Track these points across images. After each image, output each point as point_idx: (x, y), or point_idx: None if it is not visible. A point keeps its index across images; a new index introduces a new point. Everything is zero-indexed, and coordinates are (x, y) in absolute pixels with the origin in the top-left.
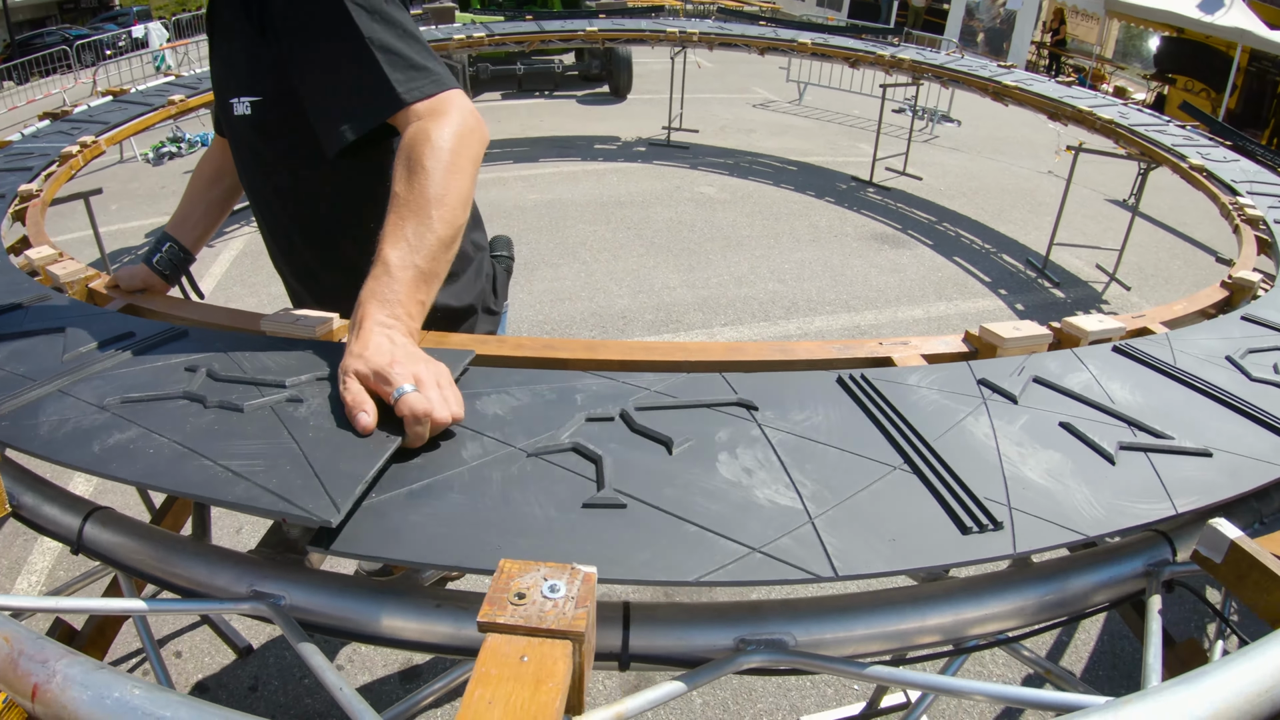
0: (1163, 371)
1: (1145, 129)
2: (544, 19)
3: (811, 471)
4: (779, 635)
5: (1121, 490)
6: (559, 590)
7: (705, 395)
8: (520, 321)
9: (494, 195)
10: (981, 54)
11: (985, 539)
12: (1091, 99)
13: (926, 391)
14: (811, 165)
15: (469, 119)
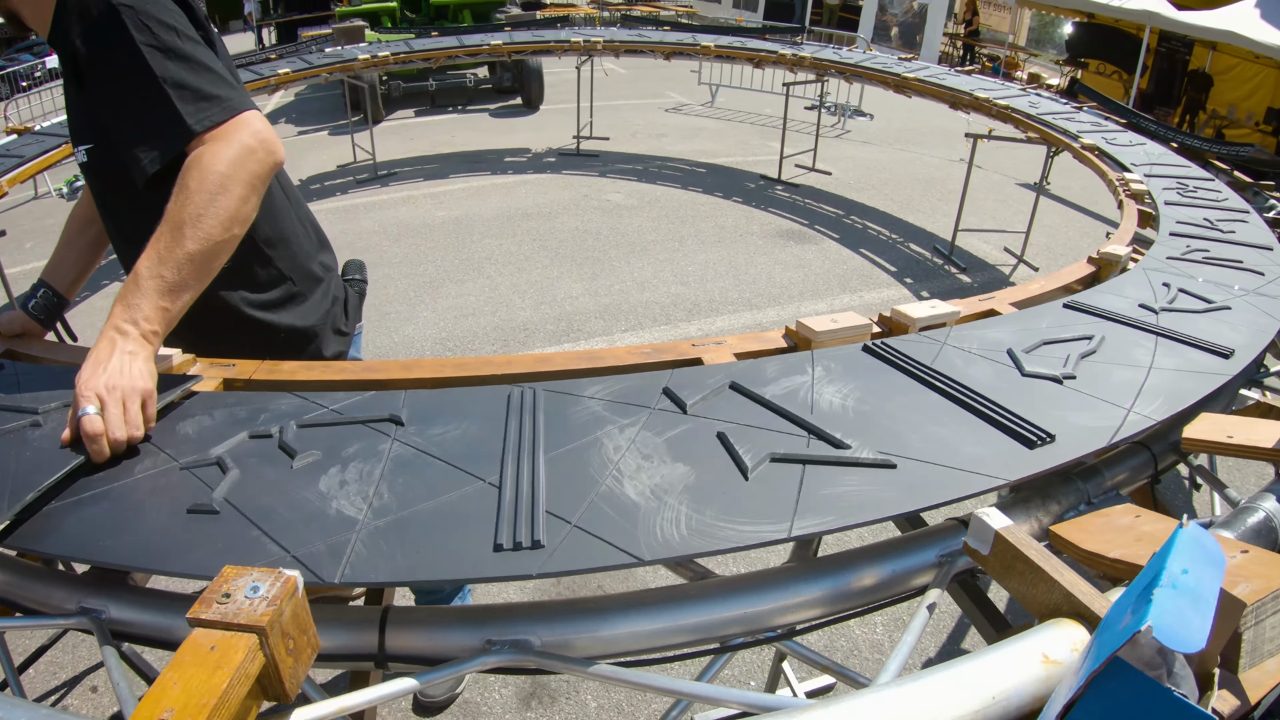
0: (907, 371)
1: (1043, 113)
2: (450, 35)
3: (400, 485)
4: (524, 636)
5: (734, 508)
6: (259, 591)
7: (366, 412)
8: (423, 339)
9: (403, 214)
10: (896, 48)
11: (519, 557)
12: (989, 86)
13: (594, 403)
14: (721, 166)
15: (249, 141)
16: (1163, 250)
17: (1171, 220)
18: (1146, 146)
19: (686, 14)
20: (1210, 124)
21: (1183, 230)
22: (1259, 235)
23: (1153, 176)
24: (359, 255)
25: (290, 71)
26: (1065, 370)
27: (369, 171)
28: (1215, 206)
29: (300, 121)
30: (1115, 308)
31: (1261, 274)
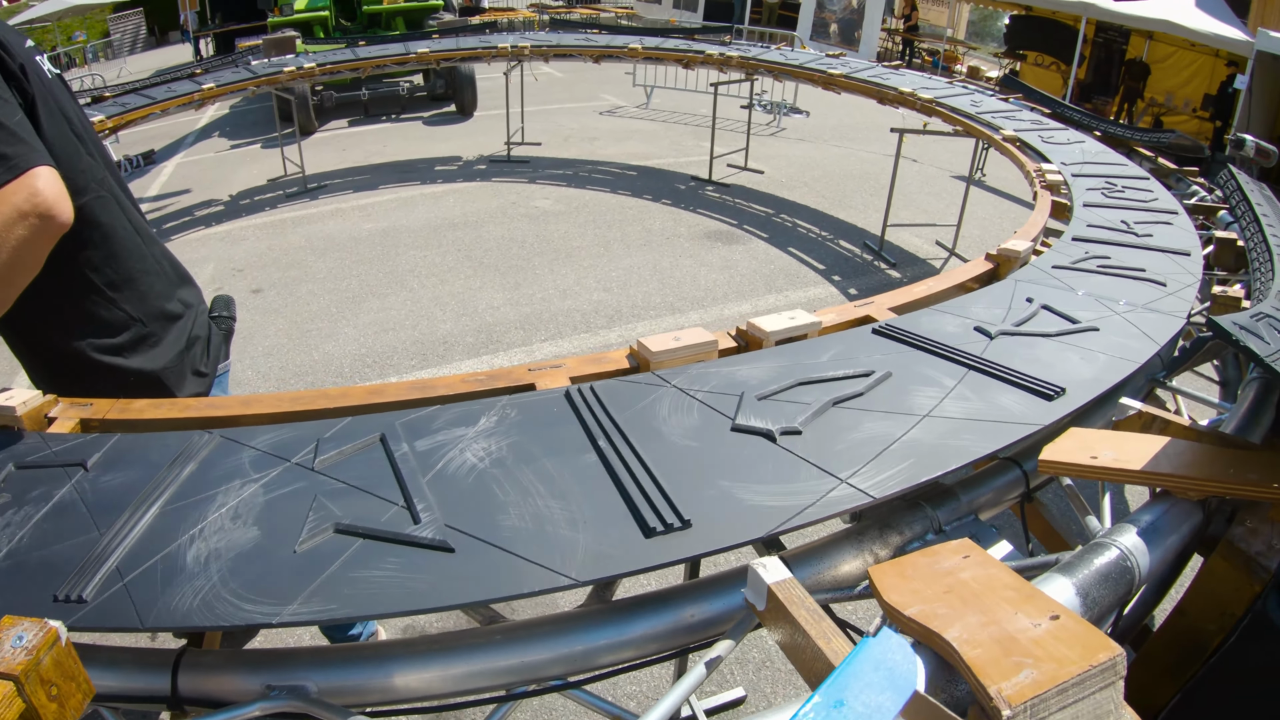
0: (585, 425)
1: (983, 111)
2: (378, 44)
3: None
4: (302, 682)
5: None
6: (23, 640)
7: None
8: (343, 356)
9: (331, 227)
10: (835, 44)
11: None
12: (916, 81)
13: (253, 454)
14: (652, 168)
15: (23, 205)
16: (1055, 258)
17: (1082, 223)
18: (1085, 144)
19: (626, 15)
20: (1149, 112)
21: (1090, 234)
22: (1179, 239)
23: (1081, 176)
24: (286, 271)
25: (214, 86)
26: (792, 424)
27: (299, 185)
28: (1139, 207)
29: (234, 135)
30: (940, 331)
31: (1163, 285)
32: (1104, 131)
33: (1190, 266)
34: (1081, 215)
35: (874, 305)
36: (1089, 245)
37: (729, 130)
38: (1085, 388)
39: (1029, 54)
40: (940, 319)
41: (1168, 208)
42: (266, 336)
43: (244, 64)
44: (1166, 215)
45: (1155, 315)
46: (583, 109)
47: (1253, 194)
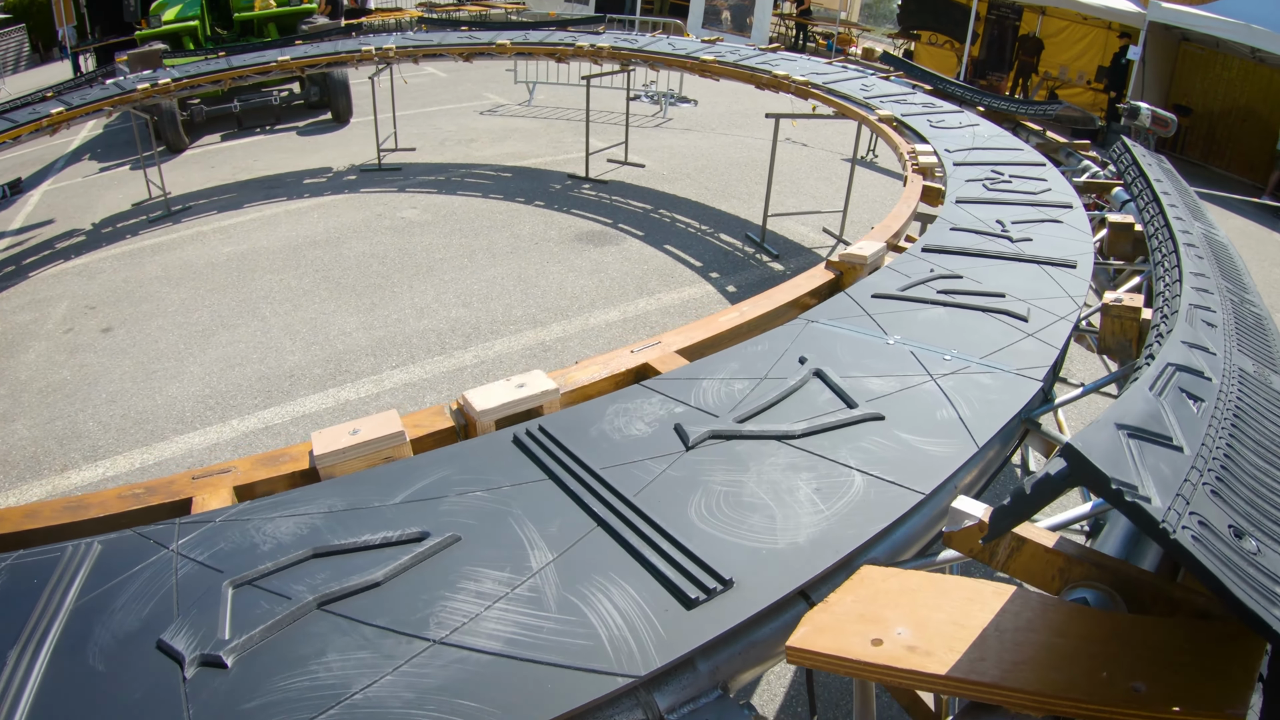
0: None
1: (860, 91)
2: (239, 54)
3: None
4: None
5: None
6: None
7: None
8: (186, 399)
9: (189, 254)
10: (727, 31)
11: None
12: (791, 63)
13: None
14: (528, 169)
15: None
16: (884, 280)
17: (945, 226)
18: (978, 128)
19: (516, 11)
20: (1043, 86)
21: (950, 241)
22: (1066, 245)
23: (965, 165)
24: (139, 305)
25: (64, 110)
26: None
27: (162, 208)
28: (1026, 201)
29: (104, 156)
30: (623, 432)
31: (1023, 319)
32: (988, 106)
33: (1074, 285)
34: (948, 216)
35: (660, 348)
36: (942, 258)
37: (615, 124)
38: (771, 580)
39: (923, 34)
40: (645, 405)
41: (1061, 200)
42: (112, 381)
43: (101, 83)
44: (1058, 211)
45: (993, 380)
46: (463, 110)
47: (1150, 169)
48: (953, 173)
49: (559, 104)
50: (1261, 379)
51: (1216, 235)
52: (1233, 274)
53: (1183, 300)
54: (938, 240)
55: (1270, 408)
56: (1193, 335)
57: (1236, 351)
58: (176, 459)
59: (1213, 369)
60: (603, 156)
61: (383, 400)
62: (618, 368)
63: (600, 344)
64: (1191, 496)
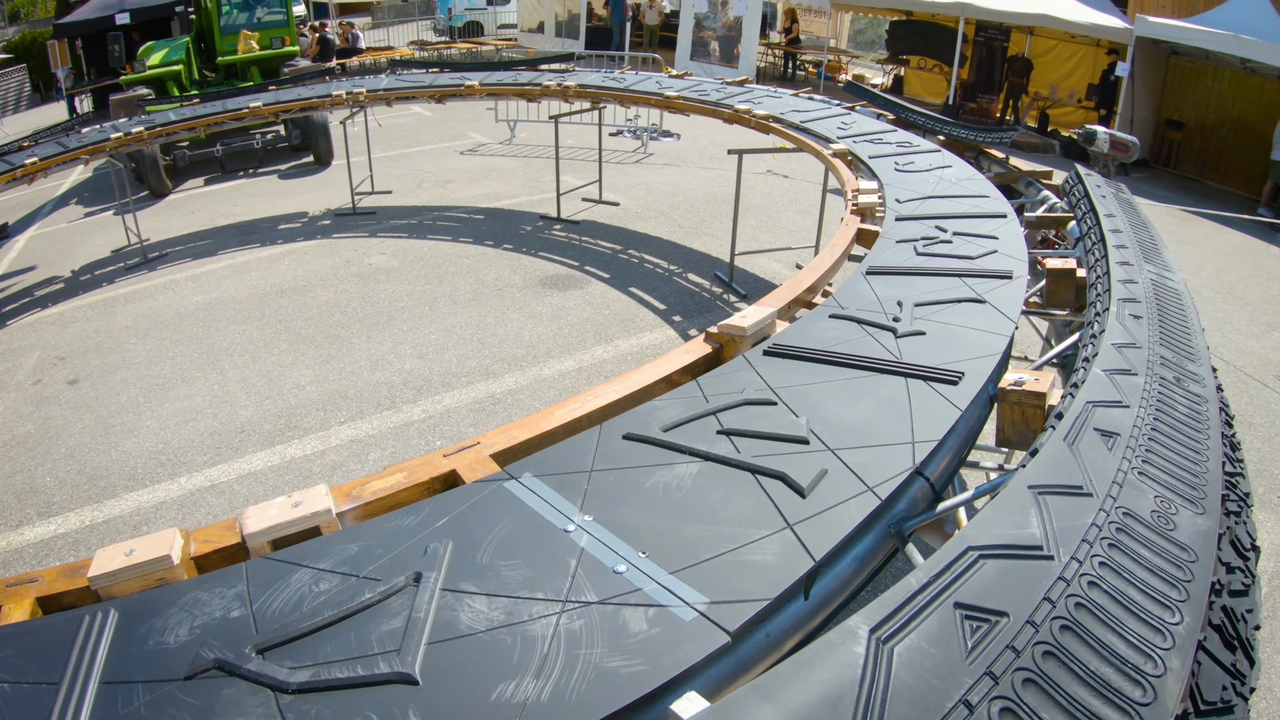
0: None
1: (839, 129)
2: (213, 100)
3: None
4: None
5: None
6: None
7: None
8: (139, 455)
9: (160, 303)
10: (716, 63)
11: None
12: (758, 97)
13: None
14: (501, 210)
15: None
16: (676, 409)
17: (823, 315)
18: (950, 169)
19: (508, 47)
20: (1034, 106)
21: (827, 333)
22: (959, 347)
23: (906, 220)
24: (106, 357)
25: (38, 160)
26: None
27: (140, 255)
28: (955, 270)
29: (91, 201)
30: None
31: (801, 496)
32: (949, 135)
33: (934, 420)
34: (850, 292)
35: (476, 451)
36: (794, 368)
37: (594, 161)
38: None
39: (911, 59)
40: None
41: (1000, 269)
42: (72, 435)
43: (77, 131)
44: (991, 284)
45: (643, 620)
46: (444, 150)
47: (1103, 201)
48: (889, 230)
49: (540, 142)
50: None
51: (1170, 282)
52: (1177, 336)
53: (1081, 391)
54: (807, 337)
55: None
56: (1055, 459)
57: (1134, 478)
58: (124, 517)
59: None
60: (578, 195)
61: (328, 458)
62: (422, 475)
63: (551, 396)
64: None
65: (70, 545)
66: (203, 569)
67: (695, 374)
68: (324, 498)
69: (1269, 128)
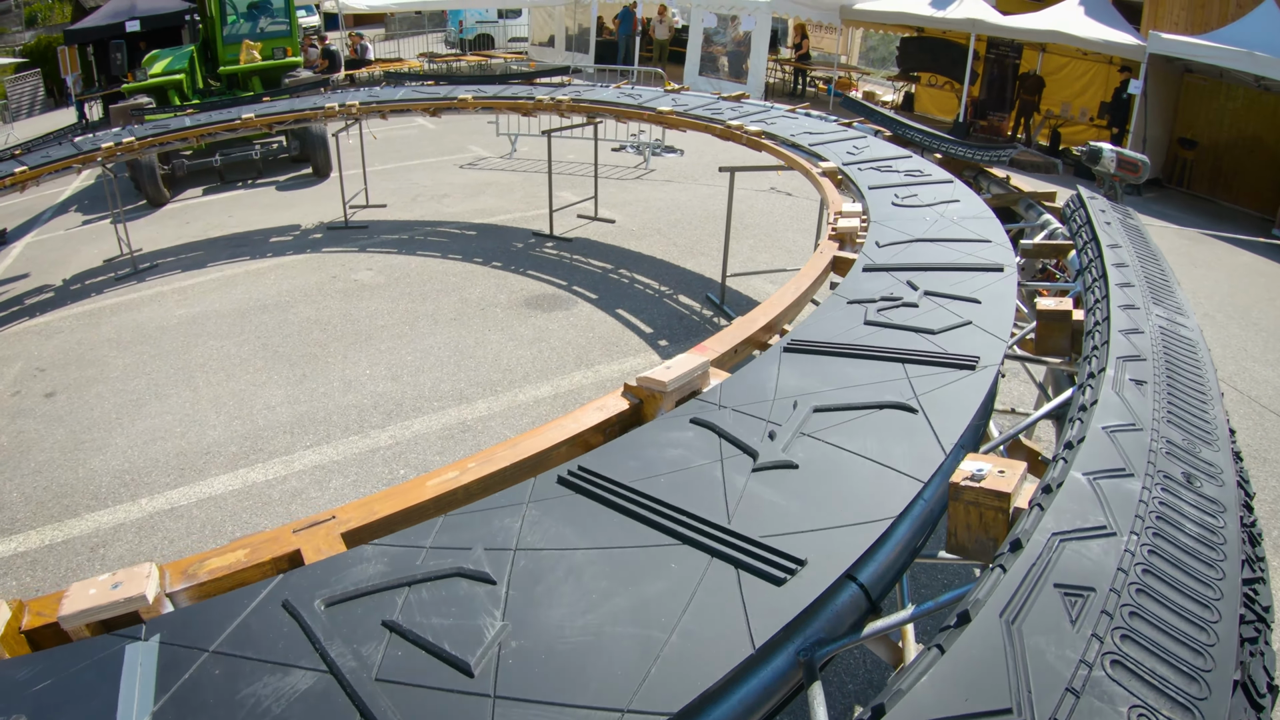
0: None
1: (854, 151)
2: (208, 110)
3: None
4: None
5: None
6: None
7: None
8: (105, 473)
9: (144, 316)
10: (725, 78)
11: None
12: (751, 112)
13: None
14: (494, 226)
15: None
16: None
17: (760, 372)
18: (957, 205)
19: (518, 61)
20: (1046, 124)
21: (744, 406)
22: (909, 449)
23: (877, 270)
24: (86, 370)
25: (28, 169)
26: None
27: (130, 265)
28: (924, 330)
29: (90, 209)
30: None
31: (777, 579)
32: (946, 153)
33: (976, 385)
34: (731, 391)
35: (329, 527)
36: (592, 517)
37: (593, 177)
38: None
39: (922, 75)
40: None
41: (964, 355)
42: (42, 450)
43: (68, 140)
44: (951, 373)
45: None
46: (444, 163)
47: (1106, 230)
48: (847, 284)
49: (541, 156)
50: None
51: (1183, 329)
52: (1191, 409)
53: (1049, 510)
54: (810, 335)
55: None
56: (982, 647)
57: (1103, 673)
58: (83, 538)
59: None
60: (573, 211)
61: (289, 484)
62: (265, 554)
63: (524, 423)
64: None
65: (29, 565)
66: (36, 645)
67: (609, 435)
68: (143, 582)
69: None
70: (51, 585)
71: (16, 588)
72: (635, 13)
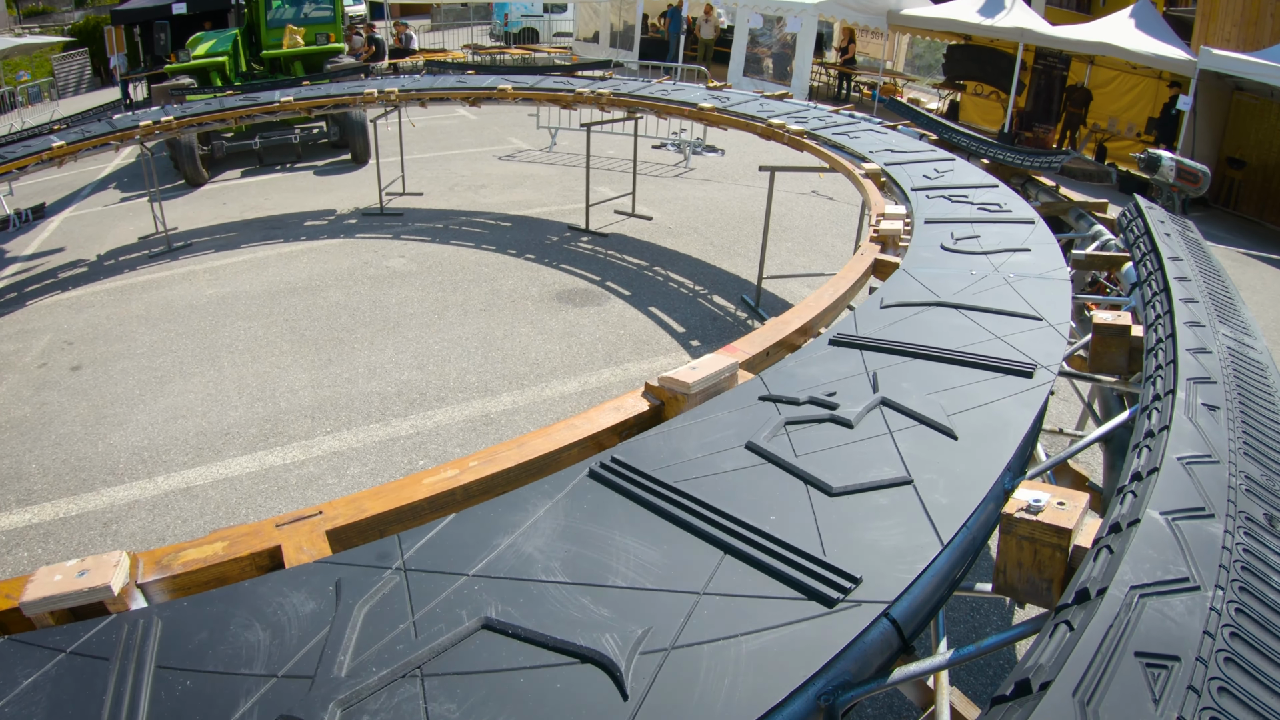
0: None
1: (844, 138)
2: (247, 93)
3: None
4: None
5: None
6: None
7: None
8: (124, 449)
9: (175, 293)
10: (769, 80)
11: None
12: (796, 111)
13: None
14: (530, 218)
15: None
16: None
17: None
18: (1017, 230)
19: (561, 55)
20: (1092, 138)
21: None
22: (910, 531)
23: (893, 307)
24: (112, 345)
25: (64, 144)
26: None
27: (164, 244)
28: (989, 308)
29: (129, 186)
30: None
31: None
32: (993, 159)
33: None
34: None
35: (314, 524)
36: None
37: (632, 173)
38: None
39: (968, 84)
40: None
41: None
42: (64, 423)
43: (106, 117)
44: (934, 447)
45: None
46: (483, 154)
47: (1166, 241)
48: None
49: (580, 150)
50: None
51: (1252, 351)
52: (1268, 438)
53: (1125, 555)
54: (788, 390)
55: None
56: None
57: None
58: (97, 513)
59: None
60: (610, 207)
61: (306, 469)
62: (244, 549)
63: (548, 419)
64: None
65: (41, 537)
66: (2, 630)
67: (625, 437)
68: (110, 571)
69: None
70: (61, 559)
71: (28, 559)
72: (682, 11)
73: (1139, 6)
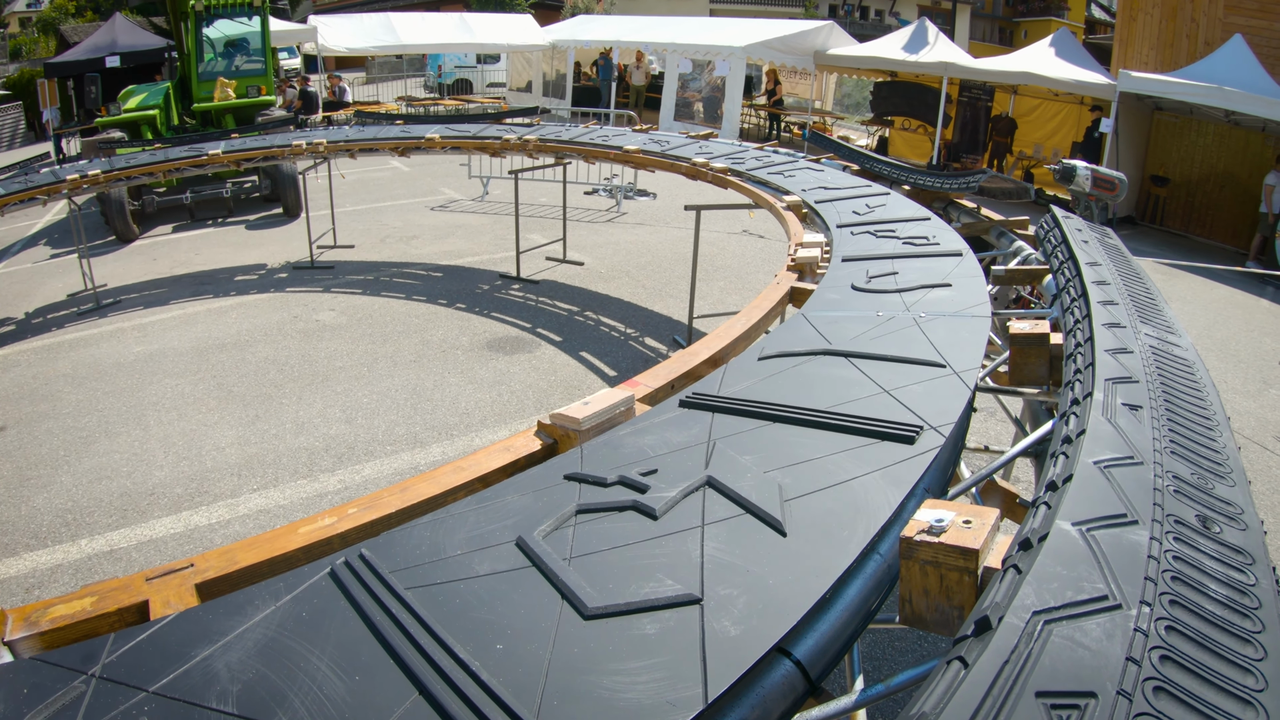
0: None
1: (767, 172)
2: (177, 145)
3: None
4: None
5: None
6: None
7: None
8: (46, 512)
9: (102, 351)
10: (700, 124)
11: None
12: (716, 151)
13: None
14: (461, 268)
15: None
16: None
17: None
18: (954, 270)
19: (494, 104)
20: (1019, 165)
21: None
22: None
23: (877, 290)
24: (37, 405)
25: None
26: None
27: (93, 301)
28: (886, 356)
29: (59, 242)
30: None
31: None
32: (914, 184)
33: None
34: None
35: (184, 577)
36: None
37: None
38: None
39: (896, 120)
40: None
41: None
42: None
43: (34, 171)
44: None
45: None
46: (415, 205)
47: (1083, 249)
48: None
49: (512, 199)
50: None
51: (1176, 349)
52: (1196, 436)
53: (1028, 576)
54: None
55: None
56: None
57: None
58: (19, 578)
59: None
60: (542, 254)
61: (232, 528)
62: (111, 604)
63: None
64: None
65: None
66: None
67: (513, 474)
68: None
69: (1255, 181)
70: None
71: None
72: (613, 59)
73: (1058, 36)
